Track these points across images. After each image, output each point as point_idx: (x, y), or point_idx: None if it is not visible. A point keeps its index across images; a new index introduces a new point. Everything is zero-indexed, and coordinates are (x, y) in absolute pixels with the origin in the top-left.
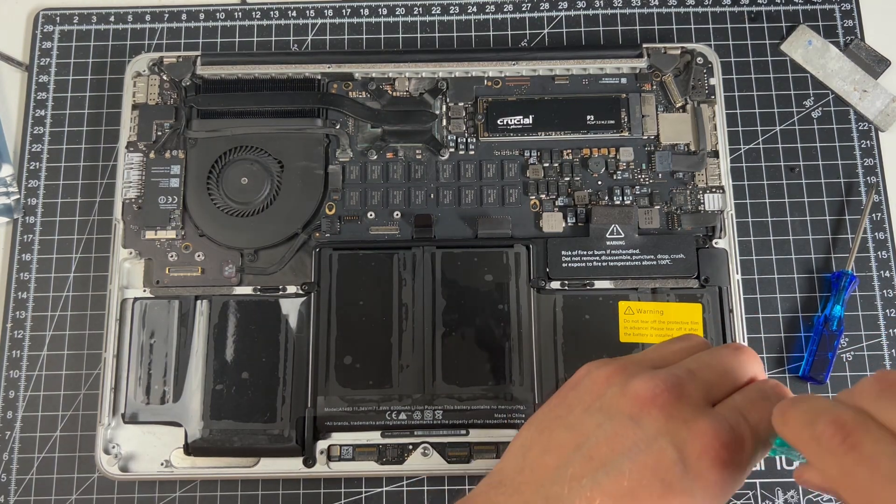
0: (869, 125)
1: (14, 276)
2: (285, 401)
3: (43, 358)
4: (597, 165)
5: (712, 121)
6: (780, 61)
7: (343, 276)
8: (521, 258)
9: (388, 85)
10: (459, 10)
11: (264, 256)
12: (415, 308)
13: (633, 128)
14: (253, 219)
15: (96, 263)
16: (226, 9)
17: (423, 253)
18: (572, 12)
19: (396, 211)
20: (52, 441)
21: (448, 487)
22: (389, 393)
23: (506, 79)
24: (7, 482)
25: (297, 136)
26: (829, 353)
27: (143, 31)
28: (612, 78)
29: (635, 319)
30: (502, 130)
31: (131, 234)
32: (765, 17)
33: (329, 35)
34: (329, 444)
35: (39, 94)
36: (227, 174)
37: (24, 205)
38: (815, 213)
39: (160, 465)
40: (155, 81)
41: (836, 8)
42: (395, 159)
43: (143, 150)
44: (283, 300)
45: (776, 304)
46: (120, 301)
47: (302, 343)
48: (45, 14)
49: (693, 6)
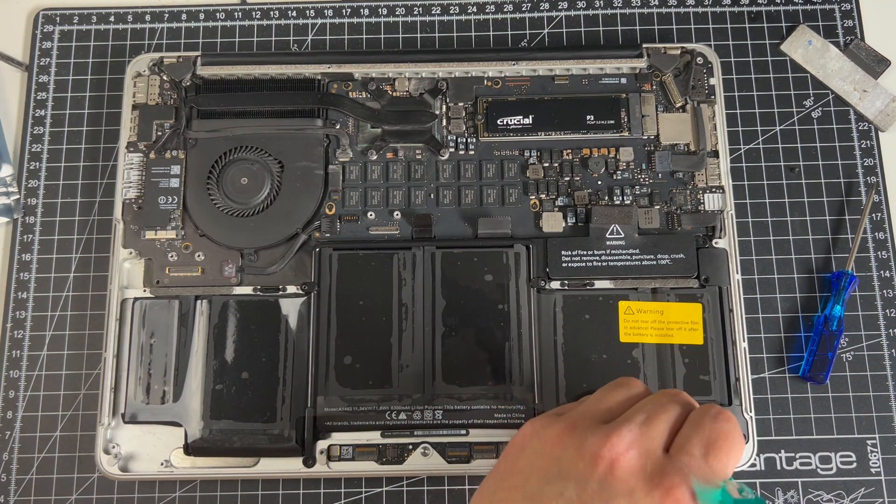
0: (869, 125)
1: (14, 276)
2: (285, 401)
3: (43, 358)
4: (597, 165)
5: (712, 121)
6: (780, 61)
7: (343, 276)
8: (520, 258)
9: (388, 85)
10: (459, 10)
11: (264, 256)
12: (415, 308)
13: (633, 128)
14: (253, 219)
15: (96, 263)
16: (226, 9)
17: (423, 253)
18: (572, 12)
19: (396, 211)
20: (52, 441)
21: (448, 487)
22: (389, 393)
23: (506, 79)
24: (7, 482)
25: (297, 136)
26: (829, 353)
27: (143, 31)
28: (611, 78)
29: (635, 319)
30: (502, 130)
31: (131, 234)
32: (765, 17)
33: (329, 35)
34: (329, 444)
35: (39, 94)
36: (227, 174)
37: (24, 205)
38: (815, 213)
39: (160, 465)
40: (155, 81)
41: (836, 8)
42: (395, 159)
43: (143, 151)
44: (283, 300)
45: (776, 304)
46: (120, 301)
47: (302, 343)
48: (45, 14)
49: (693, 6)
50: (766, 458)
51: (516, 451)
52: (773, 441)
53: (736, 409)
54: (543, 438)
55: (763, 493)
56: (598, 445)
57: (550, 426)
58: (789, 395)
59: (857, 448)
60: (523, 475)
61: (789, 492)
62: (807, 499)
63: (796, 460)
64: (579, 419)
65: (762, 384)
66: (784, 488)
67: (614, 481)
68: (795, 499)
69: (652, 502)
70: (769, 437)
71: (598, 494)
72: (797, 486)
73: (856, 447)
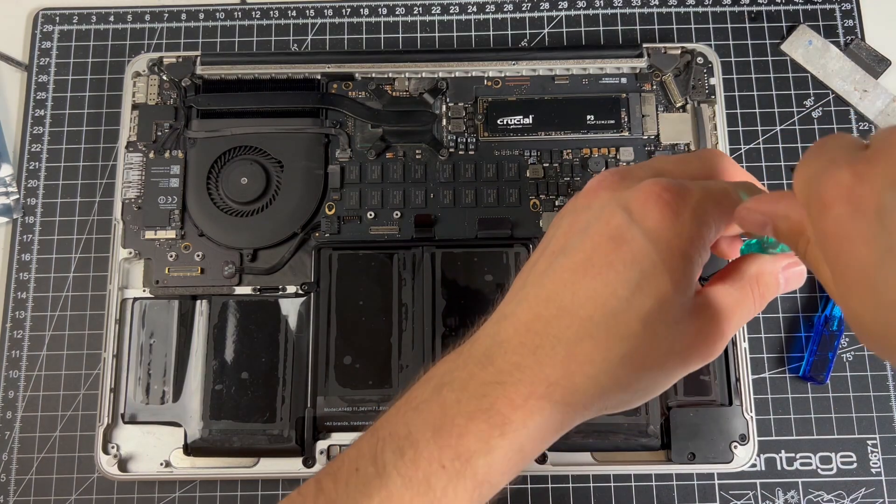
0: (869, 125)
1: (14, 276)
2: (285, 401)
3: (42, 358)
4: (597, 165)
5: (712, 121)
6: (781, 61)
7: (343, 276)
8: (521, 258)
9: (388, 85)
10: (459, 10)
11: (264, 256)
12: (415, 308)
13: (634, 128)
14: (253, 219)
15: (96, 263)
16: (226, 9)
17: (423, 253)
18: (572, 12)
19: (396, 211)
20: (51, 441)
21: None
22: (389, 393)
23: (506, 79)
24: (7, 482)
25: (297, 136)
26: (830, 353)
27: (142, 31)
28: (612, 78)
29: None
30: (502, 130)
31: (131, 234)
32: (765, 17)
33: (329, 35)
34: (329, 444)
35: (39, 94)
36: (227, 174)
37: (24, 205)
38: None
39: (160, 466)
40: (155, 81)
41: (837, 8)
42: (395, 159)
43: (143, 150)
44: (282, 300)
45: (776, 304)
46: (119, 301)
47: (302, 343)
48: (44, 14)
49: (693, 6)
50: (766, 458)
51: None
52: (774, 441)
53: (736, 409)
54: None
55: (763, 494)
56: (590, 182)
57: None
58: (790, 396)
59: (858, 448)
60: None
61: (790, 492)
62: (807, 499)
63: (797, 460)
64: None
65: (762, 384)
66: (784, 488)
67: (597, 200)
68: (796, 499)
69: (625, 201)
70: (769, 437)
71: (583, 214)
72: (797, 487)
73: (856, 447)
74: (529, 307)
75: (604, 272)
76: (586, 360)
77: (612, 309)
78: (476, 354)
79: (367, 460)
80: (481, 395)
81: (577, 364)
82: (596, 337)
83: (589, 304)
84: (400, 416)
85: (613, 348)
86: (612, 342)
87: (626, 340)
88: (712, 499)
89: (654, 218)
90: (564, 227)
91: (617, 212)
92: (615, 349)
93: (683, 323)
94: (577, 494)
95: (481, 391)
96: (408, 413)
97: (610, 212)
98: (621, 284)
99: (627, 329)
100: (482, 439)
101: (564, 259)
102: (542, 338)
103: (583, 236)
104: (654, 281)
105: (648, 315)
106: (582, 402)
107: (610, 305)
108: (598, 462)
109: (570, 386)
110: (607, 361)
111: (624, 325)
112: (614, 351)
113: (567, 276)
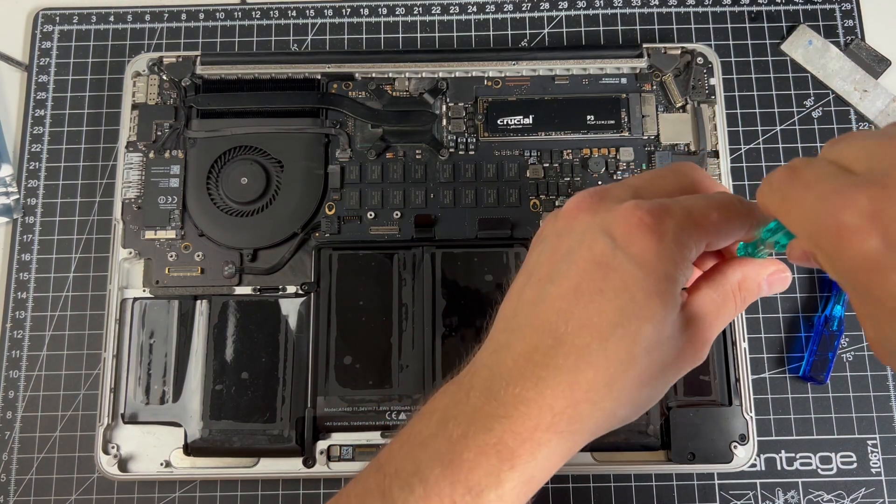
0: (869, 125)
1: (14, 276)
2: (285, 401)
3: (42, 358)
4: (597, 165)
5: (712, 121)
6: (781, 61)
7: (343, 276)
8: (521, 258)
9: (388, 85)
10: (459, 10)
11: (264, 256)
12: (415, 308)
13: (634, 128)
14: (253, 219)
15: (96, 263)
16: (225, 9)
17: (423, 253)
18: (572, 12)
19: (396, 211)
20: (51, 441)
21: None
22: (389, 393)
23: (506, 79)
24: (7, 482)
25: (297, 136)
26: (830, 353)
27: (142, 31)
28: (612, 78)
29: None
30: (502, 130)
31: (131, 234)
32: (765, 17)
33: (329, 35)
34: (329, 444)
35: (39, 93)
36: (227, 174)
37: (24, 205)
38: None
39: (160, 466)
40: (155, 81)
41: (837, 8)
42: (395, 159)
43: (143, 150)
44: (282, 300)
45: (776, 304)
46: (119, 301)
47: (302, 343)
48: (44, 14)
49: (693, 6)
50: (766, 458)
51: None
52: (774, 441)
53: (736, 409)
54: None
55: (763, 494)
56: (566, 205)
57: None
58: (790, 396)
59: (858, 448)
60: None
61: (790, 492)
62: (807, 499)
63: (797, 460)
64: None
65: (762, 384)
66: (784, 488)
67: (577, 224)
68: (796, 499)
69: (607, 226)
70: (769, 437)
71: (565, 239)
72: (797, 487)
73: (856, 447)
74: (524, 338)
75: (596, 300)
76: (589, 388)
77: (609, 336)
78: (478, 386)
79: (376, 497)
80: (488, 430)
81: (580, 392)
82: (596, 365)
83: (585, 333)
84: (406, 451)
85: (614, 373)
86: (612, 367)
87: (624, 364)
88: (712, 499)
89: (638, 245)
90: (548, 252)
91: (599, 237)
92: (616, 374)
93: (675, 337)
94: (577, 494)
95: (487, 425)
96: (414, 448)
97: (592, 237)
98: (614, 312)
99: (626, 353)
100: (492, 473)
101: (553, 287)
102: (542, 369)
103: (568, 262)
104: (645, 305)
105: (644, 338)
106: (588, 428)
107: (606, 333)
108: (598, 462)
109: (574, 414)
110: (609, 386)
111: (623, 350)
112: (615, 375)
113: (558, 304)
